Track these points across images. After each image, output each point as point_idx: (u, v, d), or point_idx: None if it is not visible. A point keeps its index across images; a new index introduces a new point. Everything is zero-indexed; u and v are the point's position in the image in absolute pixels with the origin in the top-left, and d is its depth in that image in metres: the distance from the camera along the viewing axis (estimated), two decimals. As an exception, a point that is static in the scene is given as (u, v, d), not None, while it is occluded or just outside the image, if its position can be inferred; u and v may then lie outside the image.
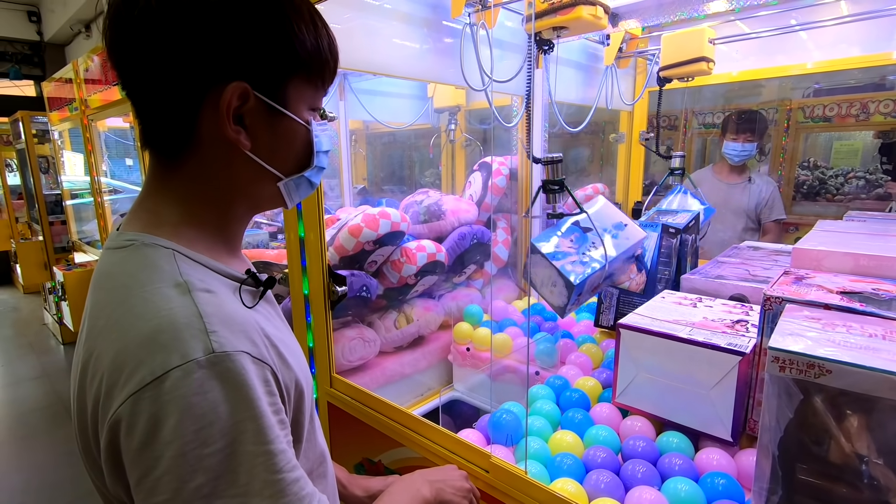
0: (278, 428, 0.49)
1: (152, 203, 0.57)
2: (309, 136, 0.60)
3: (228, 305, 0.51)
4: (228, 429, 0.45)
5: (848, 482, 0.61)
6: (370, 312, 1.59)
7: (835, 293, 0.80)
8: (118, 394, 0.45)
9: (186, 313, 0.47)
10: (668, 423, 0.98)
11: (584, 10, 1.18)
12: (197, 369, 0.44)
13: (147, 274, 0.50)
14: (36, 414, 3.27)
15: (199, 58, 0.51)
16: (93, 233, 4.55)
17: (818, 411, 0.61)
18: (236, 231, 0.62)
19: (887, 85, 2.74)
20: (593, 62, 1.99)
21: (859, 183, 3.00)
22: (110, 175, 3.97)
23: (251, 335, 0.50)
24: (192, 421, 0.43)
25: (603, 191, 2.28)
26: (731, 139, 2.28)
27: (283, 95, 0.55)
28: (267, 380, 0.50)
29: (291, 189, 0.61)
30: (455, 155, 2.88)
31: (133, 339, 0.46)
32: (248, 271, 0.59)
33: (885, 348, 0.61)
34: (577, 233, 1.26)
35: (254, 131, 0.55)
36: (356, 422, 1.21)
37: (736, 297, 1.15)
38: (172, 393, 0.44)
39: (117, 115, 3.17)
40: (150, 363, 0.45)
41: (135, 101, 0.55)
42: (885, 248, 0.98)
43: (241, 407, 0.46)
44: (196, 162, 0.55)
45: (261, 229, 2.46)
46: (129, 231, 0.55)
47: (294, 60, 0.55)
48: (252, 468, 0.45)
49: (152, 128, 0.56)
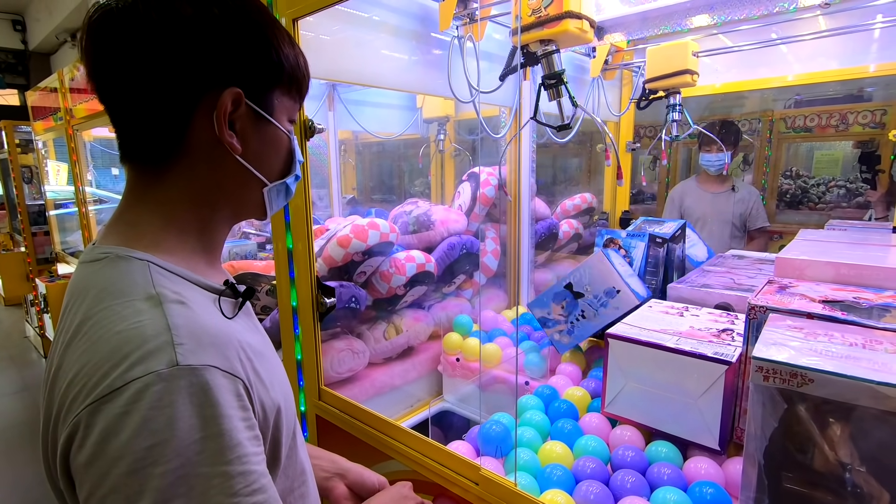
0: (248, 445, 0.47)
1: (132, 215, 0.56)
2: (290, 145, 0.64)
3: (202, 317, 0.50)
4: (184, 448, 0.42)
5: (832, 490, 0.61)
6: (359, 323, 1.58)
7: (817, 302, 0.81)
8: (77, 406, 0.43)
9: (155, 325, 0.46)
10: (656, 433, 0.98)
11: (570, 23, 1.20)
12: (157, 382, 0.43)
13: (119, 287, 0.50)
14: (17, 429, 3.19)
15: (195, 64, 0.52)
16: (77, 244, 4.48)
17: (802, 420, 0.62)
18: (216, 241, 0.62)
19: (864, 96, 2.81)
20: (579, 74, 2.02)
21: (840, 191, 3.07)
22: (96, 185, 3.92)
23: (223, 349, 0.49)
24: (145, 437, 0.41)
25: (591, 200, 2.30)
26: (706, 150, 2.36)
27: (269, 104, 0.59)
28: (239, 394, 0.48)
29: (273, 196, 0.63)
30: (444, 165, 2.89)
31: (98, 351, 0.45)
32: (227, 282, 0.59)
33: (865, 357, 0.62)
34: (569, 298, 1.29)
35: (243, 137, 0.57)
36: (345, 435, 1.20)
37: (721, 305, 1.17)
38: (129, 406, 0.42)
39: (103, 125, 3.13)
40: (111, 374, 0.43)
41: (117, 112, 0.55)
42: (864, 256, 1.00)
43: (202, 424, 0.44)
44: (183, 168, 0.56)
45: (249, 240, 2.44)
46: (106, 245, 0.54)
47: (278, 72, 0.59)
48: (206, 491, 0.43)
49: (136, 137, 0.56)
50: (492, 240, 1.89)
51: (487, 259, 1.86)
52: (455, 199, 1.96)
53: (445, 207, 1.86)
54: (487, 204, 1.85)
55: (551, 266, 2.16)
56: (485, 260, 1.85)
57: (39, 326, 4.36)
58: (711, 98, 2.99)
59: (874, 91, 2.78)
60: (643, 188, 3.77)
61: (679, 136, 1.84)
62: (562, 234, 2.12)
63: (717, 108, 3.26)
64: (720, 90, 2.14)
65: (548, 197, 2.22)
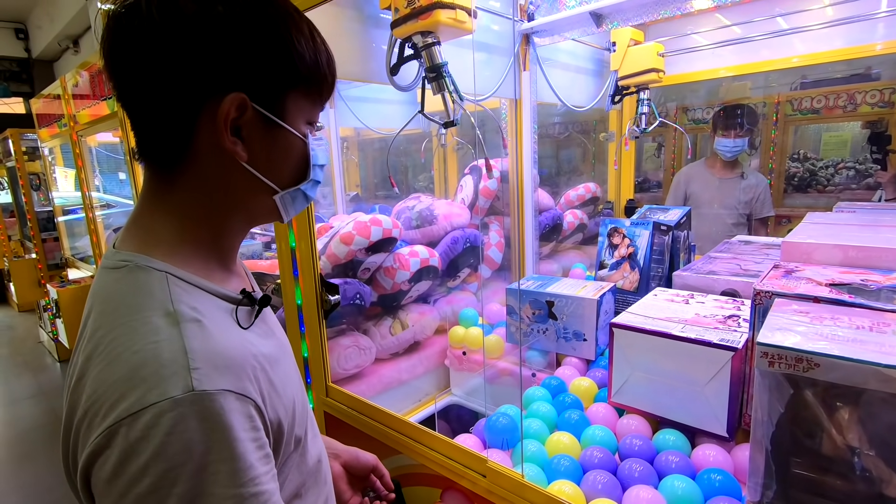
0: (259, 466, 0.48)
1: (148, 219, 0.56)
2: (306, 150, 0.60)
3: (217, 337, 0.50)
4: (198, 470, 0.44)
5: (841, 474, 0.61)
6: (365, 320, 1.58)
7: (824, 285, 0.80)
8: (97, 425, 0.45)
9: (172, 348, 0.47)
10: (664, 421, 0.98)
11: (442, 14, 1.14)
12: (174, 408, 0.44)
13: (138, 300, 0.50)
14: (34, 433, 3.24)
15: (198, 68, 0.51)
16: (86, 249, 4.52)
17: (809, 405, 0.61)
18: (231, 245, 0.62)
19: (872, 75, 2.76)
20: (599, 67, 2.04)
21: (849, 173, 3.02)
22: (103, 190, 3.96)
23: (237, 370, 0.50)
24: (162, 460, 0.43)
25: (595, 190, 2.29)
26: (722, 135, 2.28)
27: (282, 108, 0.56)
28: (251, 415, 0.49)
29: (287, 202, 0.61)
30: (447, 159, 2.88)
31: (116, 371, 0.46)
32: (244, 291, 0.59)
33: (872, 340, 0.61)
34: (543, 310, 1.33)
35: (251, 143, 0.55)
36: (353, 430, 1.21)
37: (727, 292, 1.16)
38: (147, 430, 0.43)
39: (106, 129, 3.15)
40: (129, 397, 0.44)
41: (131, 112, 0.55)
42: (874, 238, 0.98)
43: (216, 448, 0.45)
44: (192, 174, 0.55)
45: (254, 240, 2.46)
46: (125, 250, 0.54)
47: (293, 74, 0.55)
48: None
49: (149, 139, 0.55)
50: (495, 232, 1.89)
51: (492, 252, 1.85)
52: (458, 193, 1.96)
53: (448, 202, 1.85)
54: (490, 197, 1.85)
55: (556, 257, 2.15)
56: (489, 253, 1.85)
57: (53, 331, 4.41)
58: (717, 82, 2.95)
59: (882, 70, 2.72)
60: (648, 176, 3.74)
61: (647, 128, 1.94)
62: (566, 225, 2.11)
63: (722, 93, 3.22)
64: (724, 74, 2.11)
65: (551, 188, 2.21)
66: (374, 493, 0.85)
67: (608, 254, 1.49)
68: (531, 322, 1.36)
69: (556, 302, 1.31)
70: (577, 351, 1.30)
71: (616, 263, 1.46)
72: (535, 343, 1.38)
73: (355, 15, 1.35)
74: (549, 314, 1.32)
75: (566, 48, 1.95)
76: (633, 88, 1.86)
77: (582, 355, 1.30)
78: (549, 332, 1.34)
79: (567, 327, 1.30)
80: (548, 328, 1.34)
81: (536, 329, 1.36)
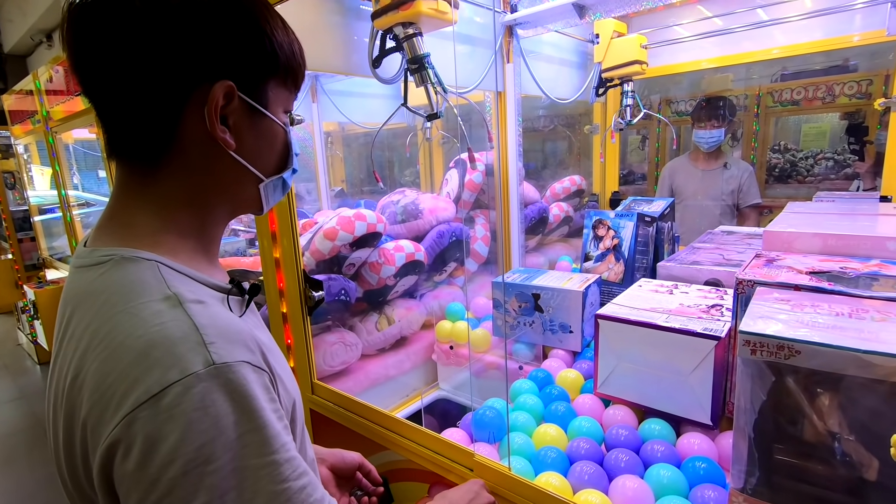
0: (284, 434, 0.48)
1: (126, 215, 0.54)
2: (286, 138, 0.61)
3: (222, 315, 0.50)
4: (232, 443, 0.43)
5: (822, 460, 0.61)
6: (351, 316, 1.57)
7: (804, 274, 0.81)
8: (111, 416, 0.43)
9: (181, 326, 0.46)
10: (649, 411, 0.99)
11: (423, 4, 1.13)
12: (197, 383, 0.43)
13: (132, 289, 0.48)
14: (14, 437, 3.17)
15: (185, 56, 0.50)
16: (64, 249, 4.43)
17: (790, 392, 0.62)
18: (214, 236, 0.61)
19: (850, 67, 2.80)
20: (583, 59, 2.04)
21: (828, 164, 3.07)
22: (81, 188, 3.86)
23: (248, 344, 0.49)
24: (193, 438, 0.42)
25: (581, 183, 2.29)
26: (700, 127, 2.32)
27: (264, 97, 0.56)
28: (267, 387, 0.49)
29: (270, 191, 0.61)
30: (433, 153, 2.87)
31: (124, 357, 0.44)
32: (233, 280, 0.58)
33: (851, 326, 0.61)
34: (529, 302, 1.33)
35: (237, 131, 0.55)
36: (340, 428, 1.20)
37: (711, 281, 1.17)
38: (172, 410, 0.42)
39: (82, 126, 3.07)
40: (145, 380, 0.43)
41: (103, 106, 0.52)
42: (852, 227, 1.00)
43: (245, 419, 0.44)
44: (177, 166, 0.54)
45: (238, 237, 2.42)
46: (102, 247, 0.52)
47: (273, 63, 0.56)
48: (257, 481, 0.44)
49: (125, 134, 0.53)
50: (481, 226, 1.88)
51: (478, 245, 1.85)
52: (443, 187, 1.95)
53: (433, 195, 1.84)
54: (475, 190, 1.84)
55: (542, 250, 2.15)
56: (475, 247, 1.84)
57: (32, 333, 4.32)
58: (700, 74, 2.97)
59: (859, 61, 2.77)
60: (633, 168, 3.77)
61: (632, 120, 1.93)
62: (552, 218, 2.11)
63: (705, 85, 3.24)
64: (706, 66, 2.12)
65: (537, 181, 2.21)
66: (362, 491, 0.84)
67: (593, 246, 1.49)
68: (518, 315, 1.36)
69: (542, 294, 1.31)
70: (564, 343, 1.31)
71: (601, 255, 1.46)
72: (521, 336, 1.38)
73: (336, 7, 1.33)
74: (536, 307, 1.32)
75: (550, 40, 1.94)
76: (617, 81, 1.87)
77: (568, 347, 1.30)
78: (535, 325, 1.34)
79: (553, 320, 1.30)
80: (534, 321, 1.34)
81: (523, 322, 1.36)
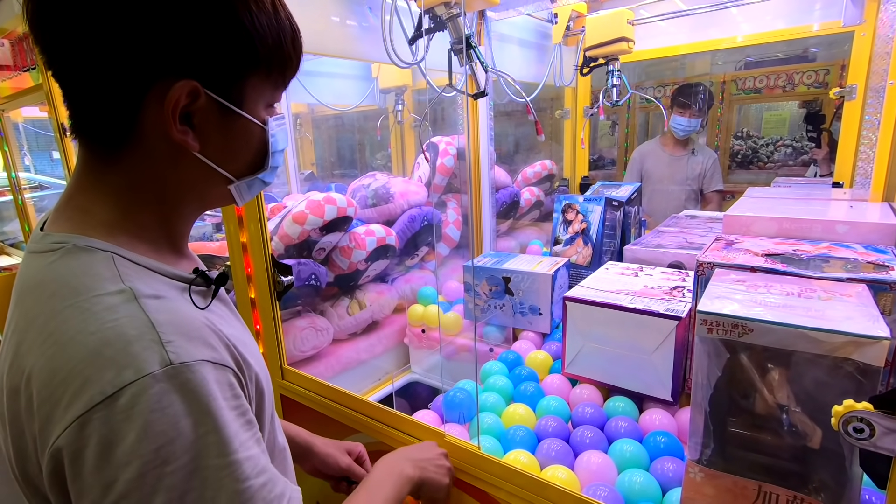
0: (244, 432, 0.47)
1: (84, 200, 0.51)
2: (265, 136, 0.56)
3: (181, 311, 0.47)
4: (191, 444, 0.42)
5: (771, 430, 0.65)
6: (321, 301, 1.56)
7: (760, 256, 0.84)
8: (60, 417, 0.41)
9: (136, 323, 0.43)
10: (614, 389, 1.02)
11: None
12: (154, 384, 0.41)
13: (83, 281, 0.45)
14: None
15: (145, 47, 0.45)
16: (16, 234, 4.20)
17: (744, 367, 0.65)
18: (181, 230, 0.58)
19: (809, 56, 2.90)
20: (541, 40, 2.00)
21: (787, 150, 3.19)
22: (34, 170, 3.67)
23: (209, 339, 0.47)
24: (151, 439, 0.41)
25: (551, 167, 2.31)
26: (679, 113, 2.35)
27: (240, 94, 0.51)
28: (231, 383, 0.47)
29: (243, 190, 0.57)
30: (405, 136, 2.84)
31: (74, 356, 0.42)
32: (197, 269, 0.55)
33: (800, 305, 0.65)
34: (500, 286, 1.35)
35: (203, 132, 0.50)
36: (311, 412, 1.19)
37: (674, 264, 1.20)
38: (128, 411, 0.40)
39: (31, 104, 2.89)
40: (98, 381, 0.41)
41: (63, 82, 0.49)
42: (806, 211, 1.05)
43: (204, 420, 0.43)
44: (138, 158, 0.50)
45: (204, 221, 2.35)
46: (57, 232, 0.49)
47: (252, 58, 0.51)
48: (218, 481, 0.43)
49: (85, 114, 0.49)
50: (453, 210, 1.88)
51: (449, 230, 1.85)
52: (415, 171, 1.93)
53: (405, 179, 1.83)
54: (447, 174, 1.84)
55: (514, 234, 2.17)
56: (447, 231, 1.85)
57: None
58: (667, 62, 3.02)
59: (818, 51, 2.86)
60: (602, 153, 3.82)
61: (619, 101, 1.90)
62: (523, 202, 2.13)
63: (670, 72, 3.30)
64: (671, 53, 2.16)
65: (508, 165, 2.22)
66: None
67: (562, 230, 1.52)
68: (488, 298, 1.38)
69: (513, 278, 1.32)
70: (533, 325, 1.33)
71: (570, 239, 1.49)
72: (492, 318, 1.40)
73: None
74: (506, 290, 1.34)
75: (520, 23, 1.93)
76: (602, 60, 1.80)
77: (538, 329, 1.33)
78: (505, 308, 1.36)
79: (523, 302, 1.33)
80: (504, 303, 1.36)
81: (494, 305, 1.38)
